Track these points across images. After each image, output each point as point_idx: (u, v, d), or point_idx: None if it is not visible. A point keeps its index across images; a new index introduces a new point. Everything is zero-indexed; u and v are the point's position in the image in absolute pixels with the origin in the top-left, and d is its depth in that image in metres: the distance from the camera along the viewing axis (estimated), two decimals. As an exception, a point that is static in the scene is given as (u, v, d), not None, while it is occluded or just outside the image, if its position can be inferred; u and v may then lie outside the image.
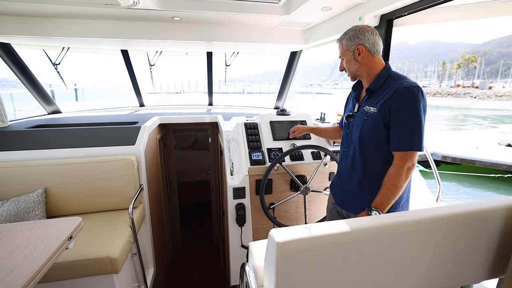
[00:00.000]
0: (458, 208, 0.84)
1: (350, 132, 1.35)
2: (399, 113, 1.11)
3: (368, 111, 1.22)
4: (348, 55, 1.27)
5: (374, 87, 1.23)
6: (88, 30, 2.29)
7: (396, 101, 1.11)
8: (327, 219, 1.64)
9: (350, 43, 1.25)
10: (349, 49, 1.26)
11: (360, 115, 1.27)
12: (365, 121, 1.22)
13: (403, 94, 1.10)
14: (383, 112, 1.15)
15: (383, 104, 1.15)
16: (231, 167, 1.85)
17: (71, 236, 1.17)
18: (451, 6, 1.63)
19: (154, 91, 8.26)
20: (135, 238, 1.74)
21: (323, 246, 0.68)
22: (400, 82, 1.14)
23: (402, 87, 1.11)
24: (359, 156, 1.28)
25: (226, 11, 1.96)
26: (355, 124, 1.30)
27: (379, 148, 1.21)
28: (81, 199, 1.82)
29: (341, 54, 1.31)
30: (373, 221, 0.74)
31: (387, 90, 1.16)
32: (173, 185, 3.34)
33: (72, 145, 1.94)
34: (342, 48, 1.30)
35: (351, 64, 1.28)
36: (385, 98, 1.15)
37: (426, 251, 0.81)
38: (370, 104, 1.23)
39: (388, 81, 1.20)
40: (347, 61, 1.29)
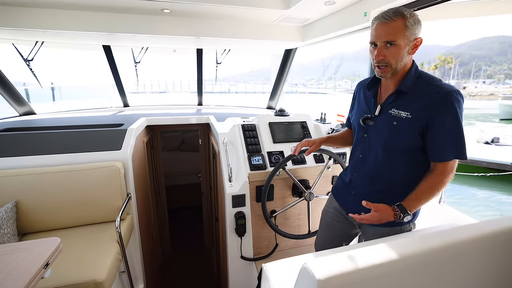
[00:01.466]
0: (503, 223, 0.74)
1: (368, 136, 1.17)
2: (445, 121, 0.97)
3: (397, 116, 1.05)
4: (405, 43, 0.97)
5: (405, 88, 1.04)
6: (65, 22, 2.05)
7: (440, 108, 0.97)
8: (325, 227, 1.47)
9: (414, 28, 0.97)
10: (409, 36, 0.97)
11: (385, 119, 1.09)
12: (394, 127, 1.05)
13: (447, 101, 0.96)
14: (419, 118, 1.00)
15: (420, 110, 1.00)
16: (229, 173, 1.70)
17: (48, 262, 0.98)
18: (465, 2, 1.57)
19: (138, 91, 7.91)
20: (123, 255, 1.56)
21: (371, 278, 0.56)
22: (439, 86, 1.00)
23: (444, 93, 0.97)
24: (383, 164, 1.13)
25: (222, 3, 1.81)
26: (378, 128, 1.12)
27: (408, 156, 1.08)
28: (60, 212, 1.60)
29: (394, 37, 0.96)
30: (430, 243, 0.63)
31: (422, 93, 1.02)
32: (161, 190, 3.14)
33: (47, 151, 1.72)
34: (400, 30, 0.95)
35: (404, 56, 1.00)
36: (423, 103, 1.00)
37: (472, 271, 0.71)
38: (400, 107, 1.05)
39: (419, 82, 1.04)
40: (400, 50, 0.97)
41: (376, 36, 1.00)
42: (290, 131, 1.98)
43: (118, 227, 1.51)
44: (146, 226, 2.25)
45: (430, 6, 1.51)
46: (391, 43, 0.97)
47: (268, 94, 3.59)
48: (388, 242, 0.65)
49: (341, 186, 1.37)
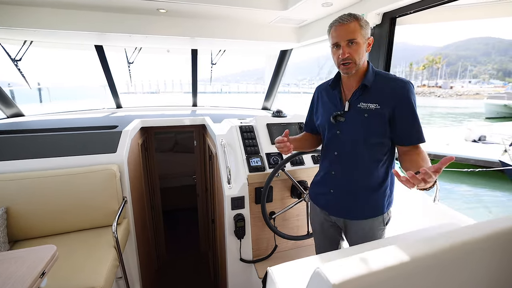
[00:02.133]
0: (506, 223, 0.76)
1: (341, 132, 1.22)
2: (407, 107, 1.09)
3: (367, 108, 1.14)
4: (362, 41, 1.10)
5: (368, 83, 1.14)
6: (56, 21, 1.99)
7: (402, 96, 1.09)
8: (320, 236, 1.46)
9: (366, 28, 1.10)
10: (364, 35, 1.10)
11: (355, 113, 1.17)
12: (366, 119, 1.14)
13: (406, 89, 1.10)
14: (386, 107, 1.10)
15: (385, 100, 1.11)
16: (228, 175, 1.69)
17: (44, 271, 0.94)
18: (456, 5, 1.60)
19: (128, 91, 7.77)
20: (120, 260, 1.52)
21: (384, 281, 0.56)
22: (396, 78, 1.14)
23: (403, 83, 1.11)
24: (360, 157, 1.19)
25: (220, 4, 1.79)
26: (350, 123, 1.18)
27: (383, 142, 1.16)
28: (53, 218, 1.55)
29: (354, 36, 1.07)
30: (438, 244, 0.63)
31: (383, 86, 1.13)
32: (155, 192, 3.09)
33: (39, 155, 1.66)
34: (358, 30, 1.07)
35: (363, 53, 1.12)
36: (386, 94, 1.11)
37: (480, 271, 0.72)
38: (367, 100, 1.14)
39: (378, 77, 1.16)
40: (360, 47, 1.09)
41: (338, 36, 1.10)
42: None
43: (115, 232, 1.48)
44: (142, 230, 2.21)
45: (423, 10, 1.53)
46: (352, 41, 1.08)
47: (260, 94, 3.58)
48: (397, 245, 0.65)
49: (317, 190, 1.38)
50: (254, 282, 1.77)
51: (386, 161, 1.20)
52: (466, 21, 1.87)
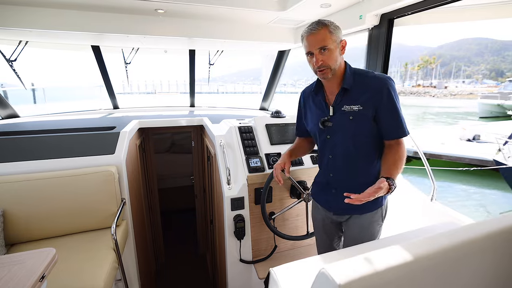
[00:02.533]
0: (508, 221, 0.77)
1: (331, 137, 1.25)
2: (388, 103, 1.12)
3: (350, 110, 1.17)
4: (334, 46, 1.12)
5: (348, 85, 1.17)
6: (51, 21, 1.97)
7: (381, 93, 1.12)
8: (321, 233, 1.50)
9: (336, 33, 1.12)
10: (335, 40, 1.12)
11: (341, 117, 1.20)
12: (351, 121, 1.17)
13: (385, 86, 1.12)
14: (369, 106, 1.14)
15: (367, 100, 1.14)
16: (227, 176, 1.68)
17: (44, 275, 0.93)
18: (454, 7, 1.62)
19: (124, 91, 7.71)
20: (119, 262, 1.51)
21: (390, 281, 0.57)
22: (375, 76, 1.16)
23: (380, 80, 1.14)
24: (354, 158, 1.22)
25: (219, 5, 1.79)
26: (337, 127, 1.22)
27: (372, 141, 1.20)
28: (51, 221, 1.53)
29: (325, 43, 1.09)
30: (439, 243, 0.64)
31: (363, 86, 1.16)
32: (153, 193, 3.08)
33: (36, 156, 1.64)
34: (328, 36, 1.10)
35: (337, 58, 1.14)
36: (367, 93, 1.14)
37: (481, 269, 0.73)
38: (349, 103, 1.17)
39: (357, 77, 1.18)
40: (332, 53, 1.11)
41: (310, 46, 1.13)
42: (287, 132, 1.98)
43: (114, 234, 1.47)
44: (140, 232, 2.19)
45: (420, 11, 1.55)
46: (324, 49, 1.11)
47: (257, 94, 3.59)
48: (401, 244, 0.66)
49: (319, 189, 1.42)
50: (254, 283, 1.77)
51: (379, 157, 1.24)
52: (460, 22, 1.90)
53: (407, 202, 1.94)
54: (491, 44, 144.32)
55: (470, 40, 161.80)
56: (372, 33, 1.78)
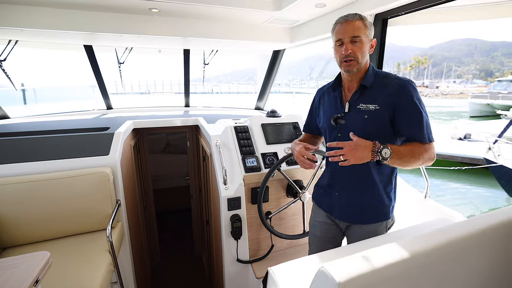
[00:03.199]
0: (503, 215, 0.79)
1: (342, 135, 1.19)
2: (408, 105, 1.07)
3: (366, 109, 1.12)
4: (366, 40, 1.10)
5: (368, 83, 1.14)
6: (43, 20, 1.93)
7: (402, 95, 1.07)
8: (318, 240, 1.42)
9: (371, 29, 1.11)
10: (368, 35, 1.10)
11: (356, 115, 1.15)
12: (366, 120, 1.12)
13: (407, 87, 1.08)
14: (386, 107, 1.09)
15: (385, 100, 1.09)
16: (224, 176, 1.68)
17: (38, 279, 0.91)
18: (446, 7, 1.65)
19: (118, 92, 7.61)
20: (115, 265, 1.49)
21: (388, 278, 0.57)
22: (395, 78, 1.12)
23: (402, 82, 1.09)
24: None
25: (213, 4, 1.78)
26: (351, 125, 1.16)
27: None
28: (45, 224, 1.50)
29: (359, 34, 1.07)
30: (435, 240, 0.65)
31: (383, 86, 1.12)
32: (148, 194, 3.05)
33: (28, 158, 1.61)
34: (363, 28, 1.08)
35: (366, 52, 1.11)
36: (386, 93, 1.09)
37: (474, 264, 0.75)
38: (367, 101, 1.13)
39: (378, 78, 1.15)
40: (363, 45, 1.09)
41: (342, 33, 1.10)
42: (283, 132, 1.99)
43: (109, 236, 1.45)
44: (136, 233, 2.17)
45: (413, 11, 1.57)
46: (356, 38, 1.08)
47: (252, 94, 3.59)
48: (397, 242, 0.66)
49: (322, 192, 1.37)
50: (251, 283, 1.77)
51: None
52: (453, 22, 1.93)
53: (402, 199, 1.97)
54: (480, 45, 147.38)
55: (461, 40, 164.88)
56: (366, 33, 1.80)
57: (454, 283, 0.69)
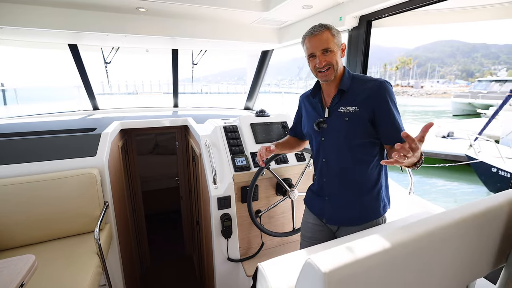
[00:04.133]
0: (472, 208, 0.84)
1: (325, 139, 1.23)
2: (387, 107, 1.10)
3: (346, 112, 1.15)
4: (336, 49, 1.13)
5: (345, 87, 1.17)
6: (25, 18, 1.88)
7: (379, 96, 1.10)
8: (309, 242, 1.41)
9: (338, 37, 1.14)
10: (337, 43, 1.13)
11: (336, 118, 1.18)
12: (347, 122, 1.15)
13: (383, 89, 1.11)
14: (366, 108, 1.12)
15: (364, 101, 1.12)
16: (213, 175, 1.69)
17: (23, 283, 0.90)
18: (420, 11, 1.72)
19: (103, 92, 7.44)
20: (103, 267, 1.47)
21: (369, 269, 0.60)
22: (372, 79, 1.15)
23: (379, 83, 1.12)
24: (347, 162, 1.19)
25: (201, 4, 1.78)
26: (333, 128, 1.20)
27: (368, 144, 1.17)
28: (30, 227, 1.46)
29: (328, 45, 1.11)
30: (414, 231, 0.69)
31: (360, 88, 1.15)
32: (137, 195, 3.01)
33: (11, 160, 1.56)
34: (331, 39, 1.11)
35: (339, 60, 1.15)
36: (364, 95, 1.13)
37: (449, 254, 0.80)
38: (346, 104, 1.16)
39: (354, 81, 1.18)
40: (334, 54, 1.12)
41: (313, 47, 1.13)
42: (272, 131, 2.01)
43: (97, 238, 1.43)
44: (124, 235, 2.14)
45: (396, 14, 1.63)
46: (327, 50, 1.12)
47: (241, 94, 3.60)
48: (378, 233, 0.70)
49: (313, 196, 1.39)
50: (242, 281, 1.78)
51: (377, 163, 1.20)
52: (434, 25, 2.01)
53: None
54: (462, 46, 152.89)
55: (444, 42, 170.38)
56: (352, 34, 1.85)
57: (433, 270, 0.74)
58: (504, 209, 0.89)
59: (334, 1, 1.72)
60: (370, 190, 1.21)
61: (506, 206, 0.90)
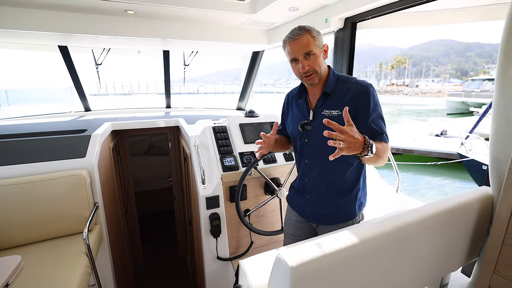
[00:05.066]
0: (441, 205, 0.88)
1: (309, 141, 1.24)
2: (368, 109, 1.10)
3: (330, 115, 1.15)
4: (318, 51, 1.12)
5: (329, 90, 1.16)
6: (15, 21, 1.88)
7: (361, 99, 1.10)
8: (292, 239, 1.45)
9: (319, 38, 1.13)
10: (319, 45, 1.12)
11: (320, 121, 1.14)
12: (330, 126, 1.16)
13: (365, 92, 1.11)
14: (348, 111, 1.10)
15: (345, 105, 1.07)
16: (202, 175, 1.71)
17: (8, 283, 0.91)
18: (410, 12, 1.76)
19: (100, 93, 7.41)
20: (93, 267, 1.49)
21: (336, 263, 0.63)
22: (356, 82, 1.14)
23: (361, 86, 1.12)
24: (332, 163, 1.14)
25: (188, 6, 1.81)
26: (316, 131, 1.20)
27: None
28: (17, 229, 1.47)
29: (311, 48, 1.09)
30: (379, 227, 0.72)
31: (344, 91, 1.14)
32: (130, 196, 3.02)
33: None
34: (312, 42, 1.10)
35: (322, 63, 1.14)
36: (347, 98, 1.12)
37: (418, 250, 0.83)
38: (330, 107, 1.16)
39: (339, 82, 1.17)
40: (317, 57, 1.12)
41: (295, 52, 1.12)
42: (261, 131, 2.04)
43: (86, 239, 1.44)
44: (116, 236, 2.15)
45: (380, 16, 1.67)
46: (309, 54, 1.10)
47: (237, 94, 3.62)
48: (349, 229, 0.73)
49: (295, 194, 1.41)
50: (231, 280, 1.81)
51: (358, 165, 1.22)
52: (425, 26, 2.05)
53: (375, 194, 2.07)
54: (456, 46, 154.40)
55: (438, 41, 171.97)
56: (337, 35, 1.89)
57: (405, 264, 0.77)
58: (475, 205, 0.93)
59: (320, 3, 1.76)
60: (348, 192, 1.23)
61: (477, 203, 0.94)
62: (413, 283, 0.88)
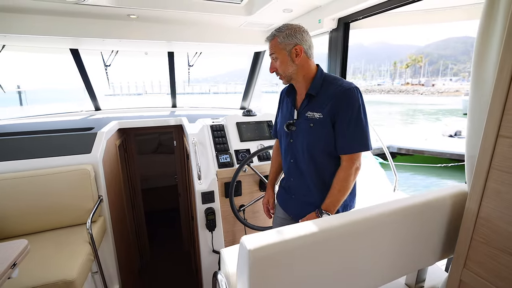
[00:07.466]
0: (412, 200, 0.91)
1: (294, 141, 1.25)
2: (343, 116, 1.09)
3: (312, 118, 1.15)
4: (283, 55, 1.15)
5: (314, 91, 1.15)
6: (29, 26, 2.03)
7: (339, 104, 1.09)
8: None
9: (286, 41, 1.14)
10: (285, 48, 1.14)
11: (303, 123, 1.18)
12: (311, 129, 1.15)
13: (344, 96, 1.09)
14: (328, 115, 1.11)
15: (327, 108, 1.11)
16: (198, 171, 1.79)
17: (15, 263, 1.02)
18: (401, 12, 1.77)
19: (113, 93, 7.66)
20: (95, 255, 1.60)
21: (294, 249, 0.69)
22: (340, 84, 1.12)
23: (342, 90, 1.10)
24: (312, 165, 1.20)
25: (186, 10, 1.89)
26: (300, 132, 1.21)
27: (331, 151, 1.16)
28: (25, 218, 1.60)
29: (273, 52, 1.17)
30: (341, 219, 0.77)
31: (328, 93, 1.13)
32: (137, 193, 3.15)
33: (12, 157, 1.71)
34: (276, 46, 1.15)
35: (287, 66, 1.16)
36: (329, 101, 1.11)
37: (387, 242, 0.87)
38: (312, 109, 1.16)
39: (325, 84, 1.16)
40: (282, 62, 1.16)
41: (268, 53, 1.22)
42: (257, 130, 2.10)
43: (89, 228, 1.55)
44: (120, 229, 2.27)
45: (371, 16, 1.69)
46: (275, 58, 1.19)
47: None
48: (316, 220, 0.78)
49: (283, 193, 1.43)
50: None
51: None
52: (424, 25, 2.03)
53: (372, 193, 2.09)
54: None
55: (455, 39, 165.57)
56: (331, 36, 1.92)
57: (371, 254, 0.81)
58: (447, 202, 0.96)
59: (313, 4, 1.80)
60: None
61: (450, 199, 0.96)
62: (386, 274, 0.91)
